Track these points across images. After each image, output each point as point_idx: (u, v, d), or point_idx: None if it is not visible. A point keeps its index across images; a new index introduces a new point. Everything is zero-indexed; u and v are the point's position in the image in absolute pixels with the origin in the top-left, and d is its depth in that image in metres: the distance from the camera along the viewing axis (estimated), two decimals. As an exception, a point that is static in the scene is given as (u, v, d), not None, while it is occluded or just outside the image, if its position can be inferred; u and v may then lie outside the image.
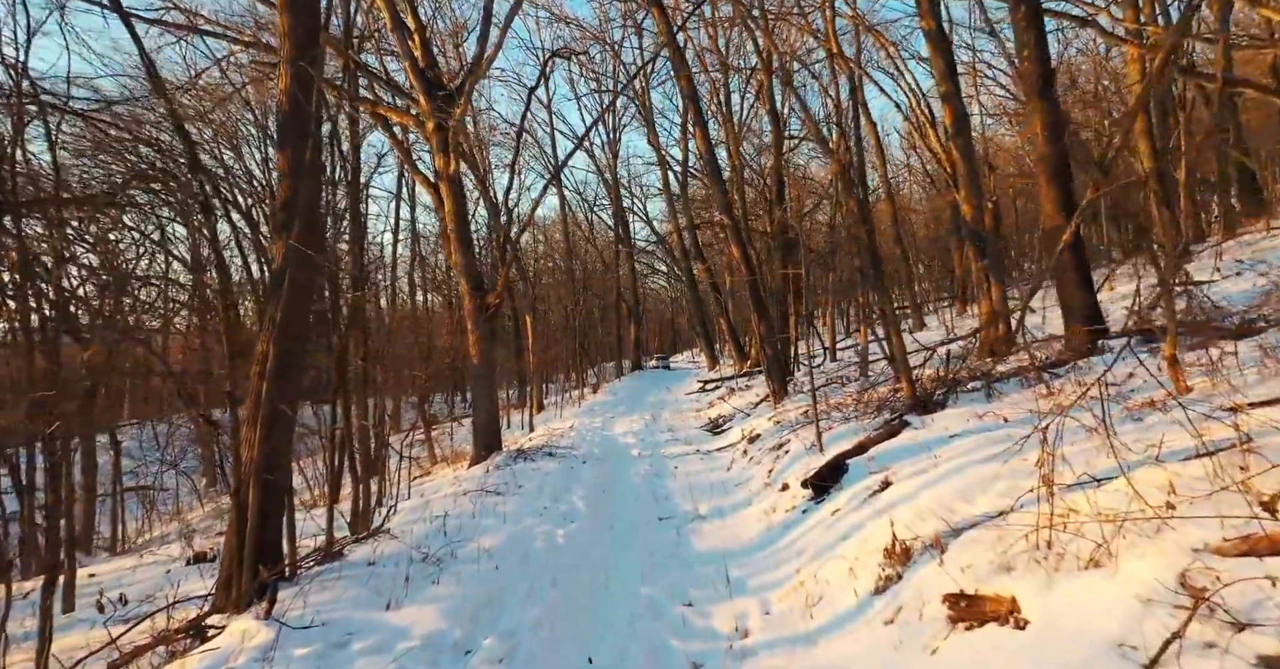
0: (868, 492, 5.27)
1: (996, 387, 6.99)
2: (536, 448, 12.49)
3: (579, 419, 18.88)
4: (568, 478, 9.81)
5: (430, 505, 8.24)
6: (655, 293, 58.28)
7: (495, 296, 11.80)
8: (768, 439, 9.68)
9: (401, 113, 12.42)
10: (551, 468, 10.45)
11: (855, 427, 7.66)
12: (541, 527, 6.94)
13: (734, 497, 7.91)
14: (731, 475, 9.29)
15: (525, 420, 20.25)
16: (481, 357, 11.89)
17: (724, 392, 20.12)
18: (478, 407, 12.01)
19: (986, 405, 6.63)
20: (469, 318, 11.98)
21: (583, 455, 12.03)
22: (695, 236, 26.85)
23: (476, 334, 11.86)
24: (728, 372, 26.13)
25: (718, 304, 26.08)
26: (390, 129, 13.24)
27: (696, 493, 8.41)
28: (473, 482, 9.58)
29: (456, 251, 11.77)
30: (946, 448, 5.42)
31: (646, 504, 8.16)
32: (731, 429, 13.58)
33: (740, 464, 9.67)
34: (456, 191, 11.80)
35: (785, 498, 6.49)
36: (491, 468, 10.50)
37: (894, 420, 6.82)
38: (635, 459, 11.90)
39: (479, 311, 11.78)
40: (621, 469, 10.82)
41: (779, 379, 13.72)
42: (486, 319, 11.85)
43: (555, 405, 24.58)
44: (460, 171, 12.04)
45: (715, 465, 10.36)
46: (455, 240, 11.74)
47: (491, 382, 12.07)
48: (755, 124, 28.29)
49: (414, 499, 10.13)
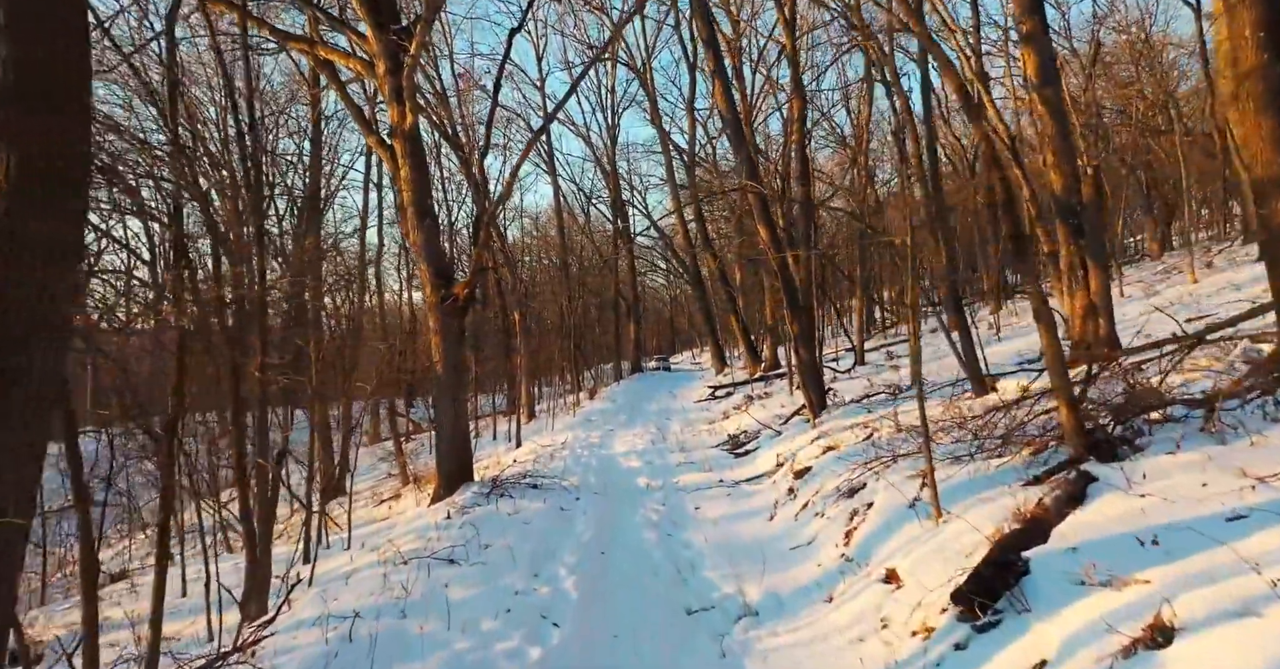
0: (1117, 651, 2.72)
1: (1220, 415, 4.44)
2: (518, 477, 9.97)
3: (573, 432, 16.34)
4: (555, 530, 7.27)
5: (351, 584, 5.70)
6: (654, 291, 55.74)
7: (464, 287, 9.26)
8: (824, 476, 7.15)
9: (347, 55, 9.86)
10: (534, 512, 7.91)
11: (981, 471, 5.12)
12: (507, 640, 4.40)
13: (796, 573, 5.38)
14: (777, 527, 6.75)
15: (511, 431, 17.71)
16: (447, 362, 9.35)
17: (739, 400, 17.58)
18: (441, 426, 9.46)
19: (1216, 448, 4.10)
20: (430, 313, 9.45)
21: (576, 488, 9.50)
22: (703, 225, 24.26)
23: (440, 334, 9.32)
24: (739, 376, 23.62)
25: (729, 300, 23.51)
26: (338, 79, 10.66)
27: (736, 560, 5.89)
28: (424, 535, 7.03)
29: (414, 228, 9.23)
30: (1242, 542, 2.89)
31: (667, 582, 5.62)
32: (759, 451, 11.04)
33: (787, 509, 7.13)
34: (414, 152, 9.25)
35: (900, 605, 3.94)
36: (454, 511, 7.96)
37: (1066, 472, 4.29)
38: (643, 493, 9.36)
39: (444, 306, 9.24)
40: (626, 511, 8.28)
41: (816, 388, 11.20)
42: (454, 315, 9.31)
43: (547, 412, 22.01)
44: (418, 127, 9.48)
45: (750, 507, 7.82)
46: (412, 213, 9.19)
47: (459, 394, 9.54)
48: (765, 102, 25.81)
49: (352, 552, 7.62)
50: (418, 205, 9.17)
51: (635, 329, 34.25)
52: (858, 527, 5.39)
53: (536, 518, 7.67)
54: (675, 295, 61.54)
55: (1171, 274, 18.01)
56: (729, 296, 23.51)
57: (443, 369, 9.39)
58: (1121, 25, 27.41)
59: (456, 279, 9.39)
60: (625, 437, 15.25)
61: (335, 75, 10.58)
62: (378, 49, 9.11)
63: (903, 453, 6.23)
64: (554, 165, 30.39)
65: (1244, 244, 19.41)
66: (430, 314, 9.46)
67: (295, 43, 9.78)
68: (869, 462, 6.49)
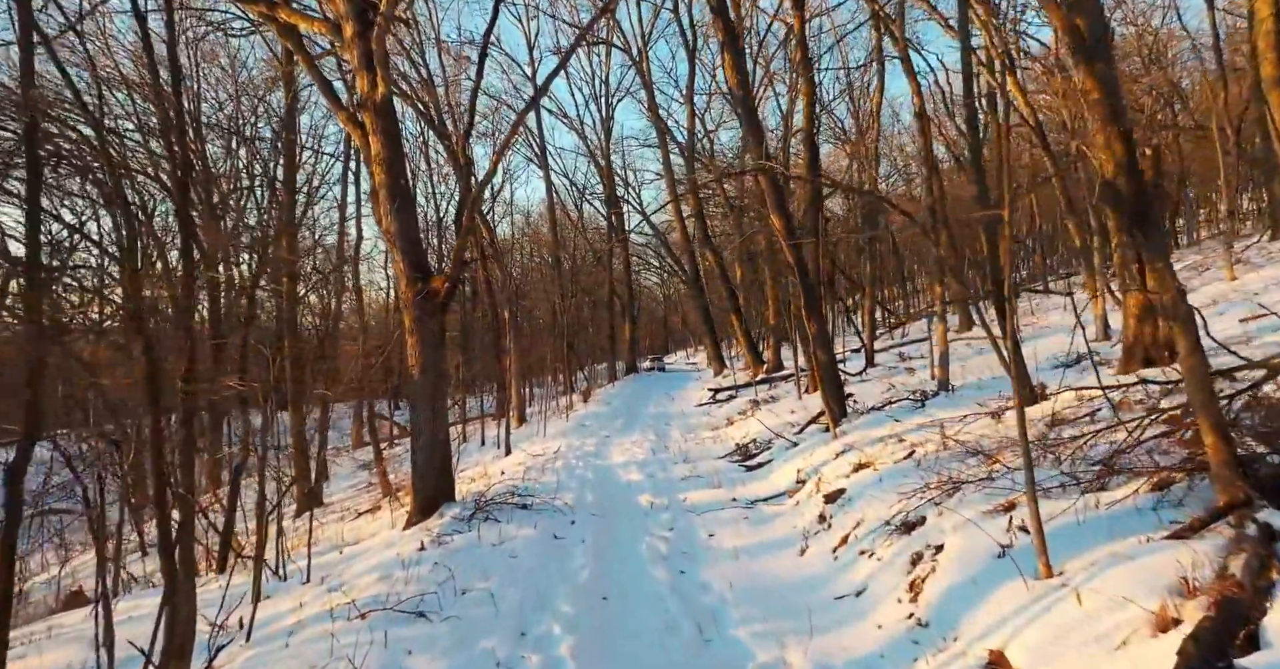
0: None
1: None
2: (505, 494, 8.86)
3: (566, 439, 15.23)
4: (547, 566, 6.16)
5: (293, 646, 4.57)
6: (648, 290, 54.69)
7: (444, 281, 8.13)
8: (863, 502, 6.06)
9: (310, 18, 8.71)
10: (523, 541, 6.80)
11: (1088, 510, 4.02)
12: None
13: (851, 636, 4.27)
14: (813, 566, 5.66)
15: (501, 436, 16.57)
16: (425, 365, 8.23)
17: (744, 404, 16.50)
18: (417, 438, 8.33)
19: None
20: (405, 311, 8.32)
21: (571, 509, 8.39)
22: (703, 220, 23.15)
23: (417, 335, 8.19)
24: (739, 377, 22.54)
25: (730, 298, 22.42)
26: (305, 51, 9.49)
27: (769, 610, 4.80)
28: (390, 573, 5.91)
29: (386, 213, 8.09)
30: None
31: (686, 643, 4.51)
32: (774, 464, 9.96)
33: (821, 541, 6.04)
34: (387, 127, 8.12)
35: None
36: (429, 540, 6.83)
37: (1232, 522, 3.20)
38: (647, 515, 8.26)
39: (421, 303, 8.12)
40: (629, 539, 7.17)
41: (836, 394, 10.12)
42: (432, 312, 8.18)
43: (539, 416, 20.85)
44: (391, 100, 8.35)
45: (775, 536, 6.73)
46: (385, 196, 8.06)
47: (439, 402, 8.41)
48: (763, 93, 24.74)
49: (309, 590, 6.48)
50: (391, 187, 8.03)
51: (630, 329, 33.15)
52: (926, 577, 4.30)
53: (526, 550, 6.56)
54: (669, 294, 60.59)
55: (1201, 271, 17.02)
56: (730, 295, 22.42)
57: (419, 373, 8.27)
58: (1130, 17, 26.51)
59: (436, 272, 8.26)
60: (623, 444, 14.15)
61: (301, 45, 9.40)
62: (344, 9, 7.98)
63: (967, 478, 5.15)
64: (546, 158, 29.28)
65: (1273, 239, 18.48)
66: (405, 311, 8.33)
67: (252, 5, 8.62)
68: (923, 488, 5.40)
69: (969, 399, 9.84)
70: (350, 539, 9.65)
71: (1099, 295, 12.34)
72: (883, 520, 5.39)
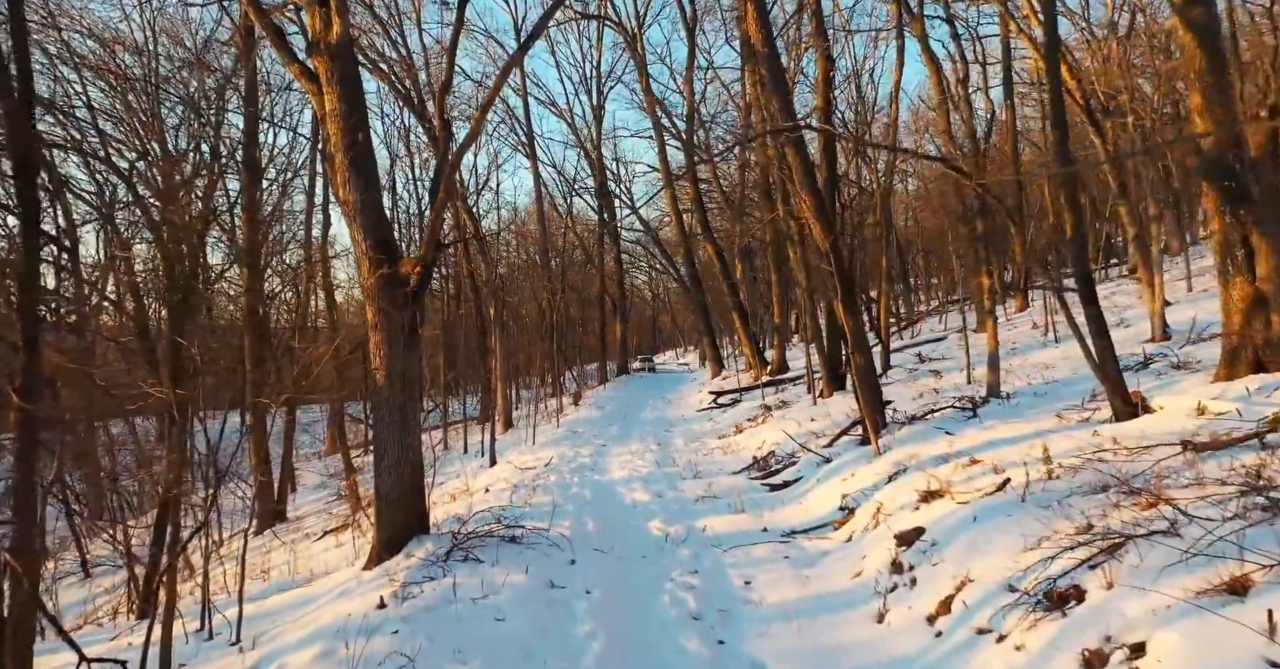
0: None
1: None
2: (490, 521, 7.38)
3: (558, 448, 13.74)
4: (543, 635, 4.68)
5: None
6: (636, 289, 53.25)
7: (415, 265, 6.63)
8: (959, 550, 4.64)
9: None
10: (510, 593, 5.32)
11: None
12: None
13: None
14: (904, 644, 4.21)
15: (485, 444, 15.07)
16: (391, 369, 6.72)
17: (753, 409, 15.07)
18: (381, 457, 6.80)
19: None
20: (368, 302, 6.82)
21: (568, 540, 6.91)
22: (703, 211, 21.67)
23: (383, 332, 6.69)
24: (740, 379, 21.13)
25: (731, 295, 20.97)
26: None
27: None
28: (334, 649, 4.42)
29: (344, 183, 6.58)
30: None
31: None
32: (804, 484, 8.54)
33: (907, 603, 4.60)
34: (344, 77, 6.61)
35: None
36: (392, 594, 5.33)
37: None
38: (662, 550, 6.80)
39: (387, 291, 6.62)
40: (646, 589, 5.71)
41: (876, 403, 8.70)
42: (400, 304, 6.68)
43: (526, 420, 19.25)
44: (349, 43, 6.84)
45: (832, 588, 5.29)
46: (342, 161, 6.54)
47: (410, 414, 6.89)
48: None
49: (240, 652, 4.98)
50: (349, 148, 6.52)
51: (622, 328, 31.67)
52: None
53: (515, 607, 5.08)
54: (658, 293, 59.19)
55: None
56: (731, 291, 20.98)
57: (385, 378, 6.76)
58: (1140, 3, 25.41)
59: (407, 256, 6.76)
60: (621, 455, 12.68)
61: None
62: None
63: (1133, 531, 3.72)
64: (534, 148, 27.76)
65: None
66: (368, 302, 6.81)
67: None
68: (1053, 537, 3.97)
69: (1032, 408, 8.47)
70: (306, 573, 8.11)
71: (1157, 290, 11.01)
72: (1003, 583, 3.96)
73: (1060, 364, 11.23)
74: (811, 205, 8.92)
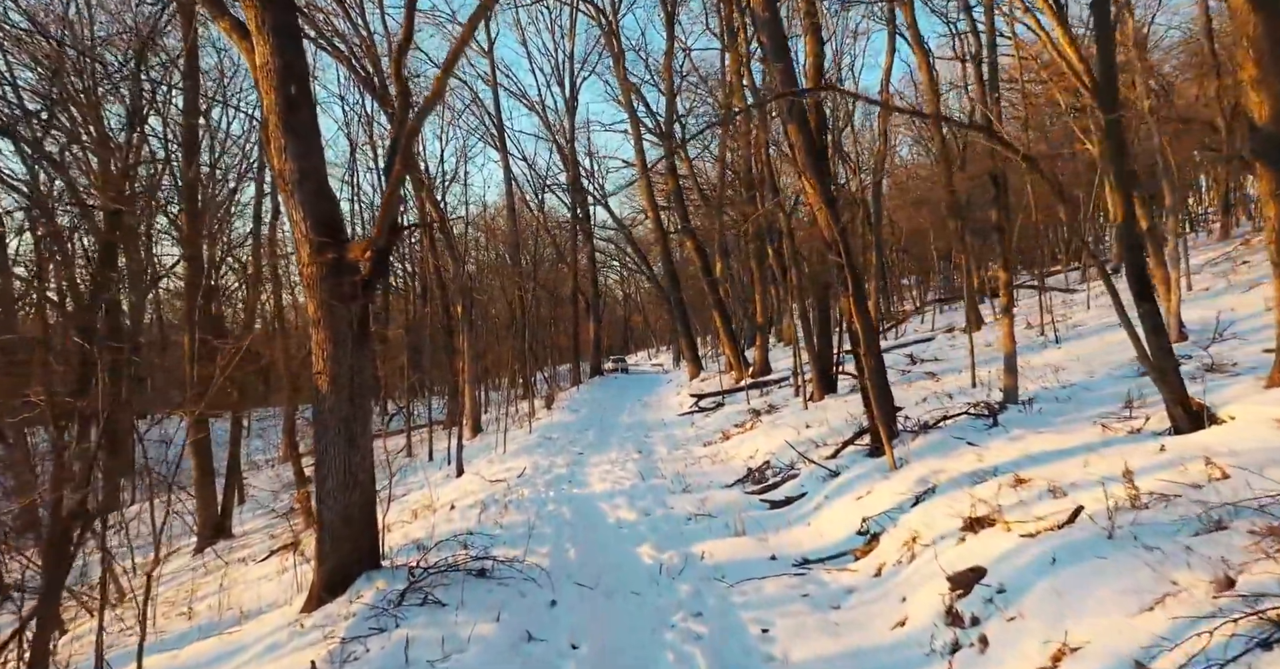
0: None
1: None
2: (455, 549, 6.35)
3: (531, 456, 12.69)
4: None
5: None
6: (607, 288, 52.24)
7: (365, 249, 5.56)
8: (1048, 605, 3.72)
9: None
10: (476, 650, 4.30)
11: None
12: None
13: None
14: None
15: (452, 450, 13.96)
16: (337, 374, 5.65)
17: (739, 413, 14.15)
18: (324, 479, 5.72)
19: None
20: (308, 293, 5.73)
21: (546, 575, 5.89)
22: (682, 205, 20.70)
23: (326, 329, 5.61)
24: (718, 381, 20.23)
25: (712, 293, 20.05)
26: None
27: None
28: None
29: (279, 151, 5.49)
30: None
31: None
32: (809, 501, 7.61)
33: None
34: (279, 25, 5.52)
35: None
36: (324, 660, 4.27)
37: None
38: (656, 585, 5.82)
39: (331, 281, 5.54)
40: (643, 642, 4.72)
41: (888, 411, 7.81)
42: (347, 296, 5.60)
43: (496, 424, 18.13)
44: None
45: (873, 643, 4.35)
46: (276, 123, 5.45)
47: (359, 427, 5.80)
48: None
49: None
50: (285, 111, 5.43)
51: (595, 328, 30.62)
52: None
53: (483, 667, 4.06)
54: (629, 293, 58.21)
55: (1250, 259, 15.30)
56: (711, 288, 20.05)
57: (329, 384, 5.67)
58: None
59: (348, 239, 5.69)
60: (600, 465, 11.67)
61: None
62: None
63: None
64: (504, 140, 26.62)
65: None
66: (308, 294, 5.72)
67: None
68: (1232, 615, 3.07)
69: (1060, 415, 7.64)
70: (237, 610, 6.96)
71: (1173, 286, 10.32)
72: (1125, 658, 3.05)
73: (1071, 366, 10.47)
74: (817, 188, 8.01)
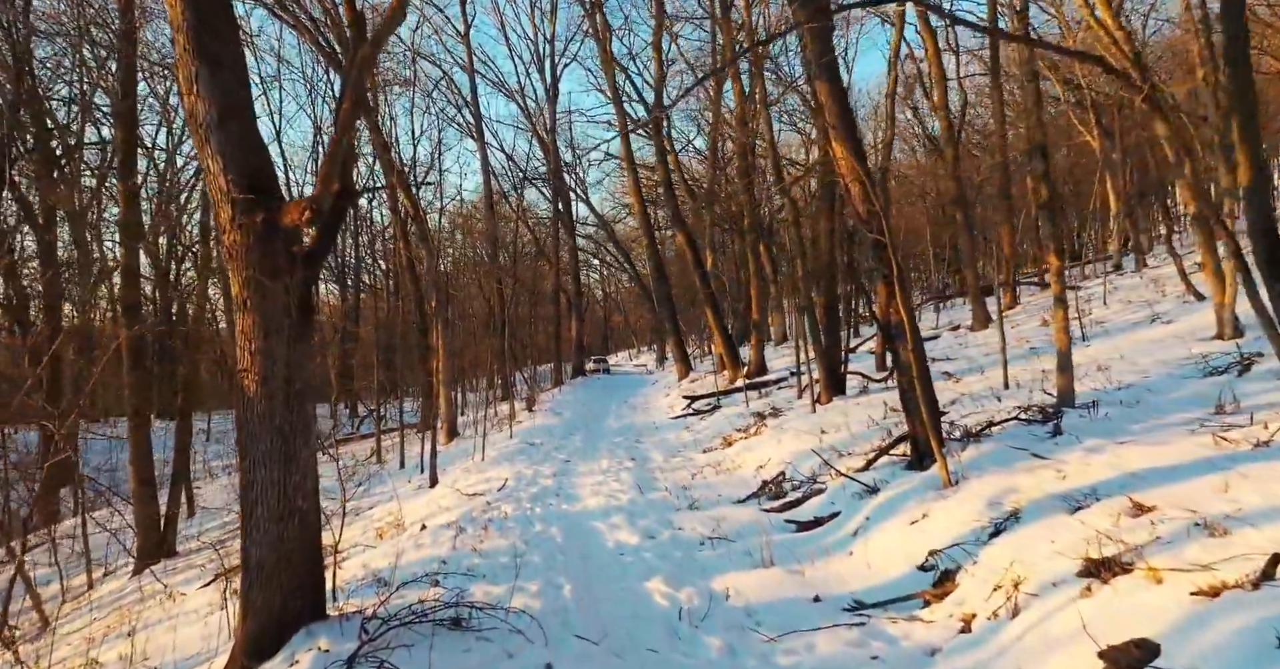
0: None
1: None
2: (424, 588, 5.10)
3: (513, 465, 11.42)
4: None
5: None
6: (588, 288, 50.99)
7: (304, 208, 4.29)
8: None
9: None
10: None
11: None
12: None
13: None
14: None
15: (424, 457, 12.67)
16: (268, 371, 4.38)
17: (744, 418, 12.95)
18: (250, 511, 4.43)
19: None
20: (231, 266, 4.43)
21: (537, 624, 4.65)
22: (672, 194, 19.51)
23: (255, 314, 4.34)
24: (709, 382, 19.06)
25: (704, 288, 18.87)
26: None
27: None
28: None
29: (191, 79, 4.21)
30: None
31: None
32: (844, 522, 6.43)
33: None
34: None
35: None
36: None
37: None
38: (677, 639, 4.61)
39: (259, 250, 4.28)
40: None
41: (934, 417, 6.66)
42: (281, 271, 4.34)
43: (474, 428, 16.78)
44: None
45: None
46: (186, 43, 4.17)
47: (296, 441, 4.52)
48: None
49: None
50: (195, 24, 4.15)
51: (578, 326, 29.35)
52: None
53: None
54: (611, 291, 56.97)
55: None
56: (703, 282, 18.87)
57: (258, 384, 4.39)
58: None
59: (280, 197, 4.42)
60: (591, 475, 10.44)
61: None
62: None
63: None
64: (482, 129, 25.32)
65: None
66: (230, 267, 4.43)
67: None
68: None
69: (1136, 421, 6.56)
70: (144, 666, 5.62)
71: (1228, 277, 9.32)
72: None
73: (1115, 365, 9.45)
74: (852, 157, 6.86)
